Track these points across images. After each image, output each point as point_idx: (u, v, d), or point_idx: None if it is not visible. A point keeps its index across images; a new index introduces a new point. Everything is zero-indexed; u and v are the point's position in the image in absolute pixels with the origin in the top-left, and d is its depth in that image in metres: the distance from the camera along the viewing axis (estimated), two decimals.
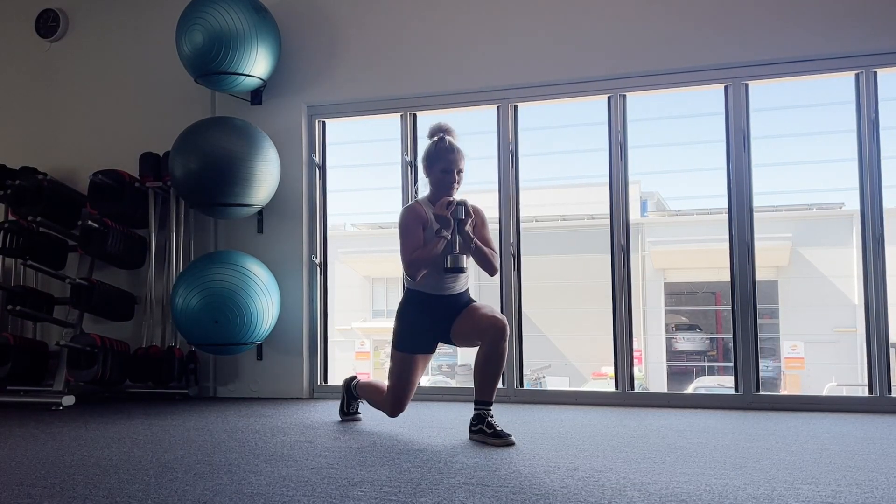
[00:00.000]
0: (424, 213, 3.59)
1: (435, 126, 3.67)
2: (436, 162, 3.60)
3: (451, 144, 3.61)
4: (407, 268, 3.55)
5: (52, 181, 5.43)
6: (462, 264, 3.54)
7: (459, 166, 3.60)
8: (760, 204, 5.13)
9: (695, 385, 11.76)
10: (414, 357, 3.70)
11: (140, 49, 5.80)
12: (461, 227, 3.51)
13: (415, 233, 3.56)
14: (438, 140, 3.62)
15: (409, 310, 3.71)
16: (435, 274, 3.59)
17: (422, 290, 3.65)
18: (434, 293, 3.64)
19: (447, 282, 3.63)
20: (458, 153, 3.60)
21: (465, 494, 2.46)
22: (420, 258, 3.51)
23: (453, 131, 3.65)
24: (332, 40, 5.40)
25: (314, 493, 2.48)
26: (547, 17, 5.00)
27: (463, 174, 3.62)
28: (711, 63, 4.73)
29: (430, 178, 3.65)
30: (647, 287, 12.99)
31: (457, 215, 3.50)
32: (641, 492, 2.48)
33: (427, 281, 3.61)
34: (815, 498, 2.39)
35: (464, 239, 3.53)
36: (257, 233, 5.43)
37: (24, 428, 4.04)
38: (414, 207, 3.64)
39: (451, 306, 3.65)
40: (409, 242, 3.55)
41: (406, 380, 3.70)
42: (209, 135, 4.96)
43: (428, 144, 3.67)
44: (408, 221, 3.58)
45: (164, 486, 2.60)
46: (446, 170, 3.58)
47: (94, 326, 5.38)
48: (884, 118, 4.52)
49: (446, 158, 3.58)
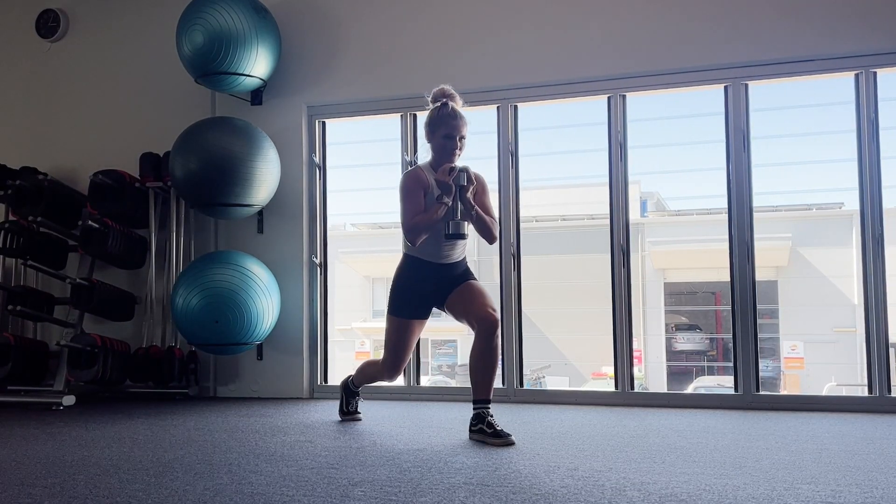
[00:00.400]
0: (426, 179, 3.56)
1: (438, 91, 3.64)
2: (438, 127, 3.56)
3: (455, 110, 3.57)
4: (407, 232, 3.53)
5: (52, 181, 5.43)
6: (463, 230, 3.53)
7: (462, 132, 3.57)
8: (760, 204, 5.14)
9: (694, 385, 11.76)
10: (410, 322, 3.70)
11: (140, 49, 5.81)
12: (462, 194, 3.49)
13: (416, 197, 3.53)
14: (441, 105, 3.58)
15: (405, 276, 3.70)
16: (434, 240, 3.57)
17: (419, 257, 3.64)
18: (432, 261, 3.63)
19: (445, 249, 3.61)
20: (460, 119, 3.57)
21: (465, 494, 2.46)
22: (420, 223, 3.49)
23: (456, 97, 3.62)
24: (333, 40, 5.40)
25: (314, 493, 2.49)
26: (547, 17, 5.00)
27: (465, 140, 3.60)
28: (711, 63, 4.73)
29: (432, 144, 3.62)
30: (646, 287, 12.99)
31: (458, 181, 3.47)
32: (641, 491, 2.49)
33: (426, 247, 3.59)
34: (815, 498, 2.39)
35: (465, 205, 3.50)
36: (257, 233, 5.43)
37: (25, 428, 4.05)
38: (415, 172, 3.61)
39: (449, 274, 3.65)
40: (409, 207, 3.53)
41: (402, 345, 3.72)
42: (209, 135, 4.96)
43: (431, 109, 3.63)
44: (409, 186, 3.56)
45: (164, 486, 2.61)
46: (449, 135, 3.55)
47: (94, 326, 5.38)
48: (883, 118, 4.52)
49: (449, 124, 3.55)
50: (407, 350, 3.76)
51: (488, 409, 3.49)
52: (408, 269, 3.70)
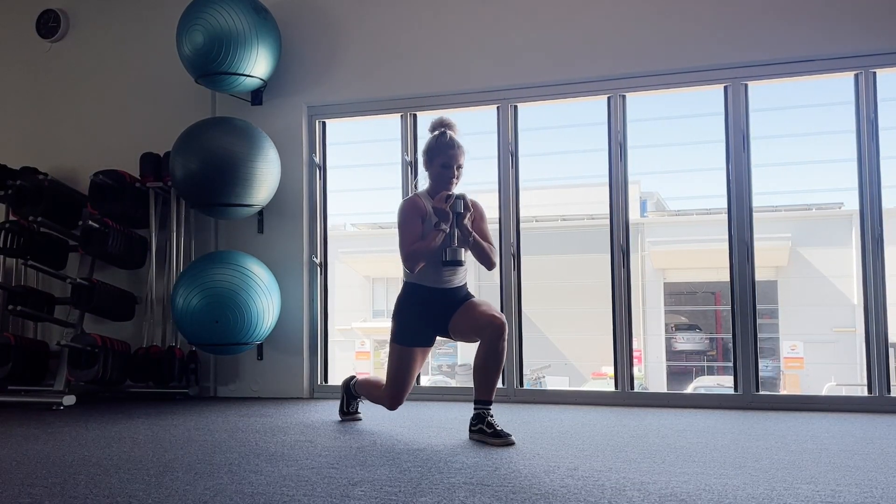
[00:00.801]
0: (423, 206, 3.61)
1: (437, 120, 3.69)
2: (436, 156, 3.62)
3: (452, 139, 3.62)
4: (405, 260, 3.57)
5: (52, 181, 5.44)
6: (460, 257, 3.56)
7: (459, 162, 3.62)
8: (760, 204, 5.15)
9: (694, 385, 11.76)
10: (412, 350, 3.71)
11: (141, 49, 5.81)
12: (460, 221, 3.53)
13: (413, 225, 3.58)
14: (440, 134, 3.64)
15: (407, 303, 3.72)
16: (433, 267, 3.60)
17: (420, 284, 3.66)
18: (433, 286, 3.65)
19: (445, 275, 3.64)
20: (458, 149, 3.62)
21: (465, 494, 2.46)
22: (418, 250, 3.53)
23: (455, 126, 3.67)
24: (333, 41, 5.40)
25: (314, 493, 2.49)
26: (547, 17, 5.00)
27: (462, 170, 3.65)
28: (711, 63, 4.74)
29: (430, 172, 3.67)
30: (646, 287, 12.99)
31: (455, 209, 3.52)
32: (641, 491, 2.49)
33: (425, 274, 3.62)
34: (815, 497, 2.40)
35: (462, 232, 3.55)
36: (258, 233, 5.44)
37: (25, 428, 4.05)
38: (413, 200, 3.66)
39: (450, 300, 3.66)
40: (407, 235, 3.57)
41: (405, 373, 3.71)
42: (210, 135, 4.96)
43: (429, 138, 3.68)
44: (407, 214, 3.61)
45: (164, 486, 2.61)
46: (446, 164, 3.61)
47: (94, 326, 5.39)
48: (883, 118, 4.53)
49: (447, 154, 3.60)
50: (409, 379, 3.74)
51: (489, 410, 3.49)
52: (409, 297, 3.71)
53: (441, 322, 3.68)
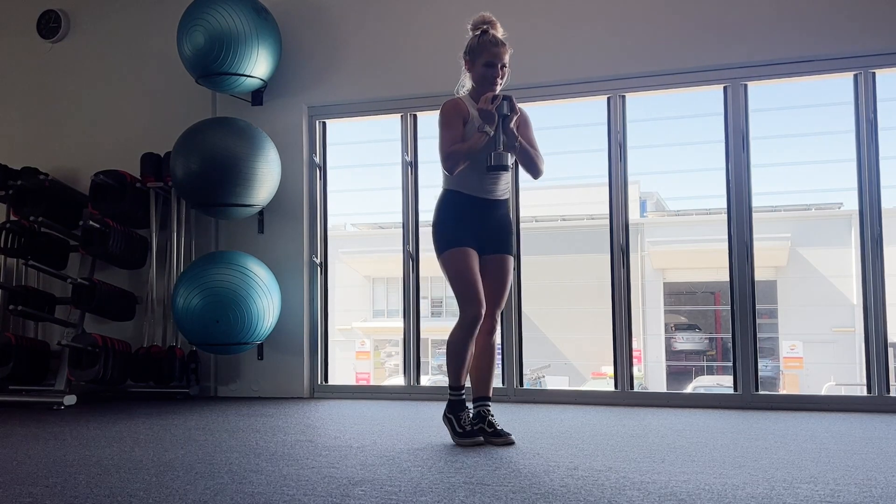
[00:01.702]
0: (466, 109, 3.43)
1: (478, 18, 3.48)
2: (479, 55, 3.41)
3: (496, 37, 3.42)
4: (444, 160, 3.37)
5: (53, 181, 5.44)
6: (506, 162, 3.34)
7: (504, 60, 3.41)
8: (759, 204, 5.15)
9: (694, 384, 11.76)
10: (467, 251, 3.40)
11: (141, 50, 5.82)
12: (506, 124, 3.33)
13: (455, 126, 3.39)
14: (482, 33, 3.42)
15: (448, 210, 3.47)
16: (476, 173, 3.40)
17: (460, 191, 3.44)
18: (473, 194, 3.44)
19: (488, 182, 3.43)
20: (502, 46, 3.41)
21: (464, 493, 2.47)
22: (459, 151, 3.34)
23: (497, 24, 3.46)
24: (333, 41, 5.41)
25: (315, 493, 2.50)
26: (546, 18, 5.01)
27: (507, 69, 3.45)
28: (710, 64, 4.74)
29: (472, 74, 3.46)
30: (646, 287, 12.99)
31: (501, 111, 3.32)
32: (641, 491, 2.50)
33: (467, 180, 3.42)
34: (814, 497, 2.40)
35: (508, 136, 3.35)
36: (258, 233, 5.44)
37: (26, 427, 4.06)
38: (455, 101, 3.46)
39: (490, 215, 3.46)
40: (448, 135, 3.38)
41: (470, 276, 3.38)
42: (210, 135, 4.97)
43: (470, 37, 3.46)
44: (448, 114, 3.42)
45: (165, 486, 2.61)
46: (490, 63, 3.39)
47: (95, 326, 5.40)
48: (882, 118, 4.53)
49: (490, 51, 3.39)
50: (477, 278, 3.38)
51: (488, 408, 3.48)
52: (450, 204, 3.47)
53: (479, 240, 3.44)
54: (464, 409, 3.43)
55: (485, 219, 3.46)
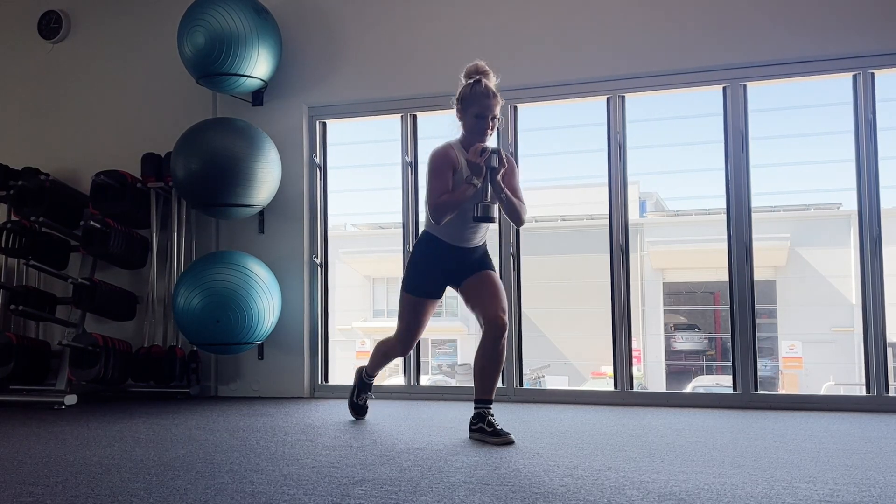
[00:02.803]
0: (455, 157, 3.47)
1: (472, 67, 3.54)
2: (470, 105, 3.47)
3: (488, 88, 3.47)
4: (433, 211, 3.43)
5: (54, 182, 5.45)
6: (492, 213, 3.39)
7: (494, 112, 3.47)
8: (759, 204, 5.15)
9: (693, 384, 11.78)
10: (424, 301, 3.66)
11: (142, 50, 5.82)
12: (493, 176, 3.38)
13: (444, 176, 3.44)
14: (475, 83, 3.48)
15: (423, 255, 3.61)
16: (459, 222, 3.48)
17: (440, 238, 3.55)
18: (453, 243, 3.55)
19: (468, 232, 3.53)
20: (493, 98, 3.47)
21: (464, 493, 2.47)
22: (447, 203, 3.40)
23: (490, 74, 3.52)
24: (333, 42, 5.42)
25: (315, 492, 2.50)
26: (546, 18, 5.01)
27: (497, 120, 3.50)
28: (710, 64, 4.75)
29: (464, 122, 3.52)
30: (645, 287, 13.00)
31: (490, 163, 3.36)
32: (640, 490, 2.50)
33: (449, 230, 3.51)
34: (813, 496, 2.41)
35: (495, 188, 3.40)
36: (258, 233, 5.45)
37: (27, 427, 4.06)
38: (445, 150, 3.50)
39: (467, 258, 3.58)
40: (437, 185, 3.43)
41: (415, 322, 3.69)
42: (211, 135, 4.98)
43: (463, 86, 3.52)
44: (438, 164, 3.47)
45: (165, 485, 2.62)
46: (480, 115, 3.45)
47: (96, 326, 5.41)
48: (881, 119, 4.54)
49: (482, 103, 3.45)
50: (420, 327, 3.72)
51: (489, 409, 3.50)
52: (427, 248, 3.60)
53: (455, 278, 3.60)
54: (369, 390, 4.08)
55: (461, 262, 3.60)
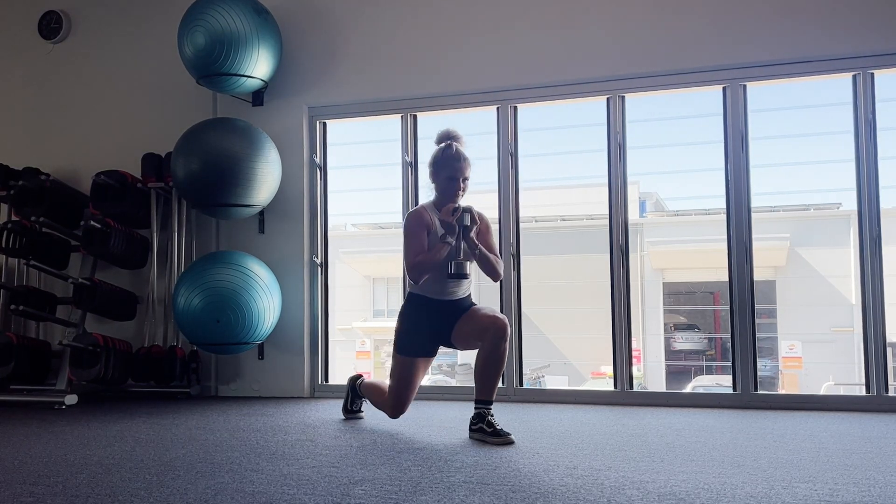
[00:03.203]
0: (429, 219, 3.63)
1: (443, 132, 3.69)
2: (442, 169, 3.62)
3: (459, 152, 3.62)
4: (410, 271, 3.58)
5: (54, 182, 5.46)
6: (465, 270, 3.56)
7: (465, 174, 3.62)
8: (758, 204, 5.15)
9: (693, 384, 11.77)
10: (415, 361, 3.74)
11: (142, 51, 5.83)
12: (466, 234, 3.53)
13: (419, 238, 3.59)
14: (446, 147, 3.64)
15: (410, 314, 3.74)
16: (438, 279, 3.61)
17: (424, 295, 3.69)
18: (437, 298, 3.67)
19: (450, 287, 3.65)
20: (464, 161, 3.62)
21: (464, 492, 2.48)
22: (423, 262, 3.54)
23: (461, 138, 3.67)
24: (333, 42, 5.42)
25: (315, 492, 2.51)
26: (546, 18, 5.02)
27: (468, 182, 3.65)
28: (710, 65, 4.76)
29: (436, 185, 3.68)
30: (645, 287, 12.99)
31: (462, 222, 3.52)
32: (640, 490, 2.51)
33: (430, 286, 3.64)
34: (813, 496, 2.41)
35: (468, 245, 3.56)
36: (259, 233, 5.46)
37: (28, 427, 4.07)
38: (419, 213, 3.67)
39: (453, 311, 3.68)
40: (412, 247, 3.58)
41: (407, 383, 3.75)
42: (211, 136, 4.98)
43: (435, 150, 3.68)
44: (412, 227, 3.62)
45: (166, 485, 2.63)
46: (452, 177, 3.61)
47: (96, 326, 5.41)
48: (881, 119, 4.55)
49: (452, 166, 3.60)
50: (412, 388, 3.78)
51: (489, 409, 3.51)
52: (413, 308, 3.74)
53: (444, 332, 3.69)
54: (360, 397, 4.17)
55: (448, 315, 3.67)
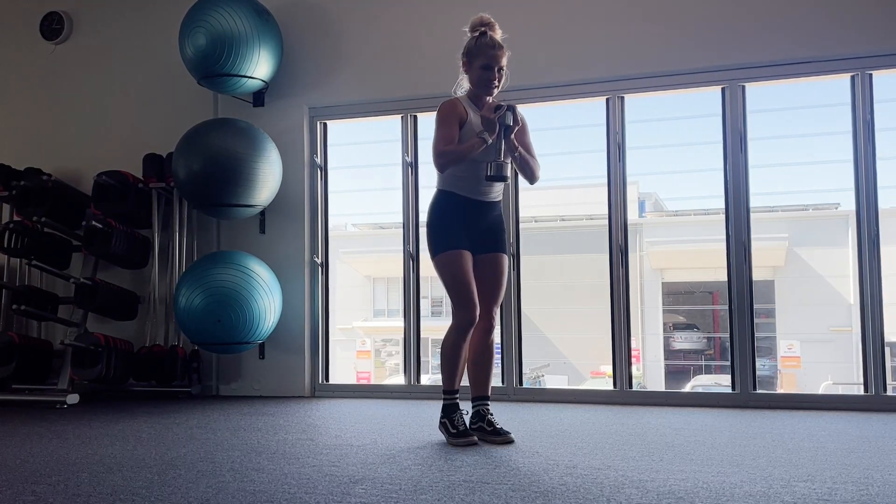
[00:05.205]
0: (464, 110, 3.43)
1: (476, 19, 3.47)
2: (476, 57, 3.42)
3: (493, 39, 3.41)
4: (437, 157, 3.38)
5: (56, 182, 5.46)
6: (504, 172, 3.32)
7: (501, 63, 3.41)
8: (757, 204, 5.16)
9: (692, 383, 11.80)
10: (461, 253, 3.42)
11: (144, 51, 5.84)
12: (507, 134, 3.34)
13: (450, 127, 3.38)
14: (480, 35, 3.42)
15: (442, 211, 3.49)
16: (473, 178, 3.41)
17: (455, 192, 3.45)
18: (468, 196, 3.45)
19: (483, 186, 3.45)
20: (500, 49, 3.41)
21: (464, 492, 2.49)
22: (453, 152, 3.35)
23: (495, 26, 3.46)
24: (334, 43, 5.43)
25: (316, 491, 2.52)
26: (545, 19, 5.03)
27: (504, 72, 3.45)
28: (709, 65, 4.76)
29: (470, 75, 3.47)
30: (644, 286, 13.01)
31: (504, 121, 3.32)
32: (639, 489, 2.52)
33: (462, 183, 3.44)
34: (812, 495, 2.42)
35: (508, 146, 3.37)
36: (259, 233, 5.46)
37: (29, 426, 4.08)
38: (453, 102, 3.46)
39: (484, 216, 3.49)
40: (442, 133, 3.38)
41: (464, 277, 3.40)
42: (212, 136, 4.99)
43: (468, 39, 3.47)
44: (446, 113, 3.41)
45: (167, 484, 2.64)
46: (487, 66, 3.40)
47: (98, 326, 5.42)
48: (879, 119, 4.55)
49: (488, 54, 3.39)
50: (472, 282, 3.40)
51: (487, 407, 3.50)
52: (444, 205, 3.48)
53: (472, 241, 3.46)
54: (457, 410, 3.44)
55: (478, 220, 3.49)
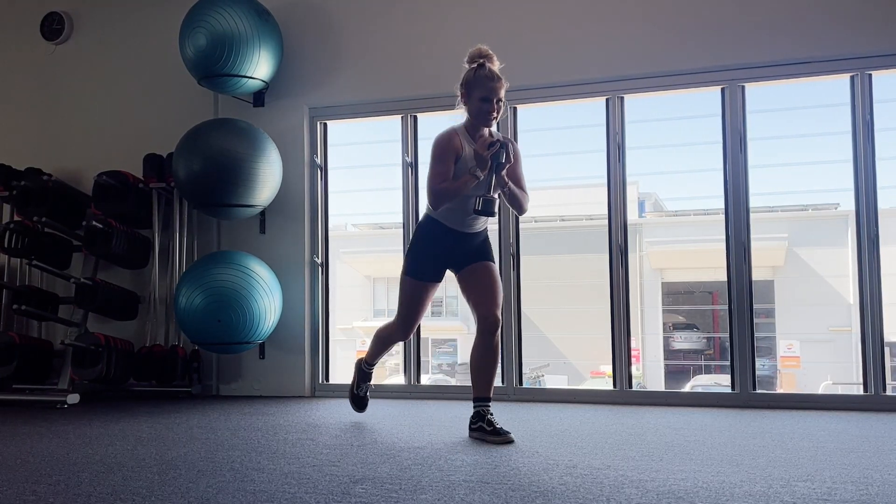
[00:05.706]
0: (460, 145, 3.44)
1: (475, 51, 3.49)
2: (474, 89, 3.44)
3: (492, 71, 3.43)
4: (431, 196, 3.44)
5: (57, 182, 5.47)
6: (493, 209, 3.35)
7: (499, 95, 3.43)
8: (757, 204, 5.17)
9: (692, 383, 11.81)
10: (425, 285, 3.65)
11: (144, 51, 5.84)
12: (498, 170, 3.37)
13: (446, 162, 3.41)
14: (478, 66, 3.44)
15: (424, 239, 3.62)
16: (460, 210, 3.48)
17: (442, 222, 3.55)
18: (455, 228, 3.55)
19: (470, 220, 3.53)
20: (498, 81, 3.43)
21: (464, 491, 2.49)
22: (447, 191, 3.39)
23: (493, 58, 3.47)
24: (334, 43, 5.44)
25: (316, 491, 2.52)
26: (545, 20, 5.03)
27: (502, 104, 3.47)
28: (708, 65, 4.77)
29: (469, 107, 3.49)
30: (644, 287, 13.02)
31: (497, 158, 3.34)
32: (639, 489, 2.52)
33: (450, 215, 3.51)
34: (811, 495, 2.42)
35: (498, 182, 3.40)
36: (260, 233, 5.47)
37: (30, 426, 4.08)
38: (451, 137, 3.47)
39: (468, 243, 3.58)
40: (438, 171, 3.41)
41: (416, 306, 3.69)
42: (212, 136, 5.00)
43: (467, 70, 3.49)
44: (441, 148, 3.44)
45: (167, 484, 2.64)
46: (486, 98, 3.42)
47: (98, 325, 5.42)
48: (879, 120, 4.56)
49: (486, 86, 3.41)
50: (420, 312, 3.72)
51: (488, 408, 3.51)
52: (428, 232, 3.60)
53: (455, 262, 3.60)
54: (368, 380, 4.04)
55: (462, 244, 3.60)
